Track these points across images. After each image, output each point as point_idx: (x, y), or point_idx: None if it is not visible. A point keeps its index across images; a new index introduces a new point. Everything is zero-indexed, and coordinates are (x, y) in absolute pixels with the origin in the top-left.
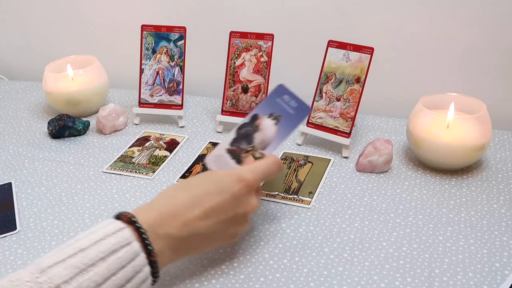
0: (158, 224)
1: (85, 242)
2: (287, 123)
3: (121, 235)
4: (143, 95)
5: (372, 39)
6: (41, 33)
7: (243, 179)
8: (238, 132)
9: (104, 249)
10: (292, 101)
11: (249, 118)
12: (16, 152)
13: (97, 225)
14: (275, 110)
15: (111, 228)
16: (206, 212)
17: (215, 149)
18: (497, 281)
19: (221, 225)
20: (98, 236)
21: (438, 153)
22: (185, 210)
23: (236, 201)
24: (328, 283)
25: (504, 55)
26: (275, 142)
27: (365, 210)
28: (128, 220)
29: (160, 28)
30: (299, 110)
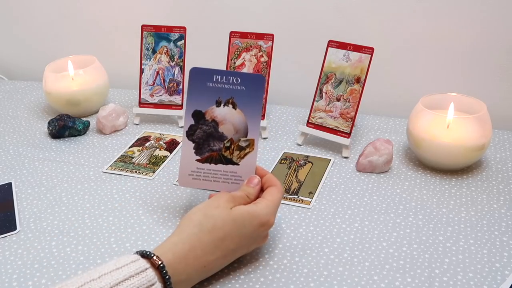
0: (182, 268)
1: (109, 281)
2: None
3: (145, 276)
4: (143, 95)
5: (372, 39)
6: (41, 33)
7: (267, 224)
8: (193, 138)
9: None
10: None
11: (191, 118)
12: (16, 152)
13: (122, 259)
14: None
15: (136, 268)
16: (226, 254)
17: (181, 167)
18: (497, 281)
19: (232, 258)
20: (121, 276)
21: (438, 153)
22: (208, 254)
23: (254, 240)
24: (328, 283)
25: (504, 55)
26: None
27: (365, 210)
28: (155, 264)
29: (160, 28)
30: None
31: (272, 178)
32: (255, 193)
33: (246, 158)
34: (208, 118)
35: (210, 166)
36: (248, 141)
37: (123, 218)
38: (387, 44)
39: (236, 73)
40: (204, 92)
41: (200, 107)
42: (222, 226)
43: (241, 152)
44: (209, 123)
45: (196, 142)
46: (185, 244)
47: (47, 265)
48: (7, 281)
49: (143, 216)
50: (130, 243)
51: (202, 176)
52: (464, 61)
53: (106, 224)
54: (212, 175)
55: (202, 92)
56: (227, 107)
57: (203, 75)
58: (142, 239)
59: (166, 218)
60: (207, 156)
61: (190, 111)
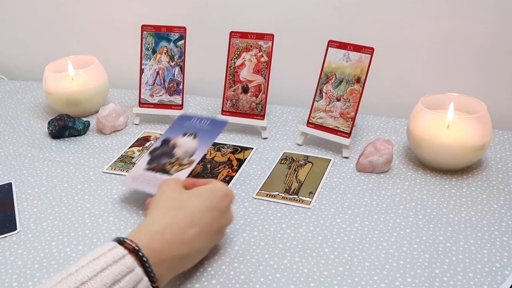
0: (162, 249)
1: (87, 273)
2: (206, 135)
3: (124, 263)
4: (143, 95)
5: (372, 39)
6: (41, 33)
7: (228, 194)
8: (152, 154)
9: (107, 281)
10: (204, 120)
11: (160, 142)
12: (16, 152)
13: (99, 250)
14: (187, 131)
15: (113, 256)
16: (201, 229)
17: (130, 172)
18: (497, 281)
19: (209, 238)
20: (99, 266)
21: (438, 153)
22: (185, 229)
23: (222, 215)
24: (328, 284)
25: (505, 55)
26: (200, 150)
27: (365, 210)
28: (132, 249)
29: (160, 28)
30: (215, 124)
31: None
32: None
33: (181, 172)
34: (171, 144)
35: (151, 174)
36: (189, 160)
37: (123, 218)
38: (387, 44)
39: (209, 118)
40: (180, 129)
41: (170, 136)
42: (189, 202)
43: (180, 167)
44: (169, 147)
45: (152, 157)
46: (159, 223)
47: (47, 265)
48: (7, 281)
49: (143, 216)
50: None
51: (141, 179)
52: (464, 61)
53: (106, 224)
54: (149, 180)
55: (178, 129)
56: (189, 137)
57: (186, 119)
58: None
59: None
60: (153, 167)
61: (162, 138)
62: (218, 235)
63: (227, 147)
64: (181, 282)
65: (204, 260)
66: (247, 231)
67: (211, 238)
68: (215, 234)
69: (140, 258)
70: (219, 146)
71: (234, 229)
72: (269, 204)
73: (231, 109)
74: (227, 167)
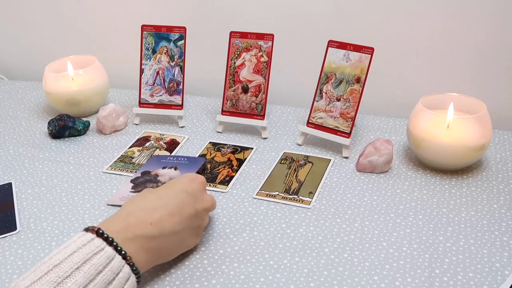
0: (126, 229)
1: (59, 257)
2: (186, 167)
3: (93, 244)
4: (143, 95)
5: (372, 39)
6: (41, 33)
7: (196, 177)
8: (135, 182)
9: (78, 260)
10: (180, 158)
11: (139, 173)
12: (16, 152)
13: (69, 240)
14: (166, 165)
15: (82, 241)
16: (170, 211)
17: (115, 194)
18: (497, 281)
19: (185, 222)
20: (70, 250)
21: (438, 153)
22: (150, 212)
23: (194, 198)
24: (328, 284)
25: (504, 55)
26: None
27: (365, 210)
28: (96, 233)
29: (160, 28)
30: (193, 161)
31: None
32: None
33: None
34: (153, 174)
35: None
36: None
37: None
38: (387, 44)
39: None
40: (157, 164)
41: (149, 169)
42: (156, 191)
43: None
44: (152, 176)
45: (136, 183)
46: (123, 211)
47: None
48: (7, 281)
49: None
50: None
51: None
52: (464, 61)
53: None
54: None
55: (156, 164)
56: (170, 169)
57: (161, 157)
58: None
59: None
60: (139, 190)
61: (141, 170)
62: (196, 219)
63: (227, 147)
64: (181, 282)
65: (204, 259)
66: (247, 231)
67: (187, 221)
68: (192, 218)
69: (106, 239)
70: (219, 146)
71: (234, 229)
72: (269, 204)
73: (231, 109)
74: (227, 167)
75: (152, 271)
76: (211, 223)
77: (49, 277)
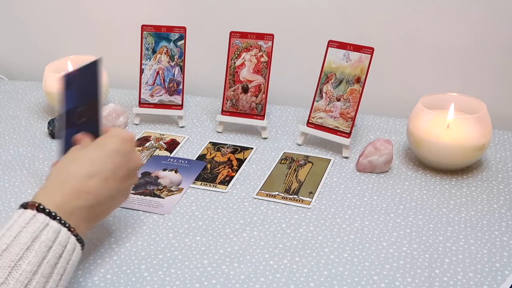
0: (64, 202)
1: (5, 240)
2: (187, 171)
3: (36, 221)
4: (143, 95)
5: (372, 39)
6: (41, 33)
7: (127, 135)
8: None
9: (26, 240)
10: (181, 160)
11: (139, 174)
12: (16, 152)
13: (9, 221)
14: (167, 167)
15: (24, 219)
16: (104, 177)
17: None
18: (497, 281)
19: (119, 184)
20: (14, 231)
21: (438, 153)
22: (84, 181)
23: (126, 158)
24: (328, 283)
25: (504, 55)
26: (185, 182)
27: (365, 210)
28: (37, 208)
29: (160, 28)
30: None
31: None
32: None
33: (172, 196)
34: (153, 175)
35: (139, 196)
36: (178, 188)
37: (123, 218)
38: (387, 44)
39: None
40: (158, 165)
41: (149, 170)
42: (85, 153)
43: (169, 193)
44: (152, 177)
45: (136, 185)
46: (55, 181)
47: None
48: None
49: (143, 216)
50: (130, 243)
51: (130, 200)
52: (464, 61)
53: (106, 224)
54: (139, 201)
55: (156, 165)
56: (170, 172)
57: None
58: (142, 239)
59: (166, 218)
60: (140, 192)
61: (141, 171)
62: (128, 179)
63: (227, 147)
64: (181, 282)
65: (204, 259)
66: (247, 231)
67: (121, 183)
68: (125, 179)
69: (48, 214)
70: (219, 146)
71: (234, 229)
72: (269, 204)
73: (231, 109)
74: (227, 167)
75: (152, 270)
76: (211, 223)
77: (1, 263)
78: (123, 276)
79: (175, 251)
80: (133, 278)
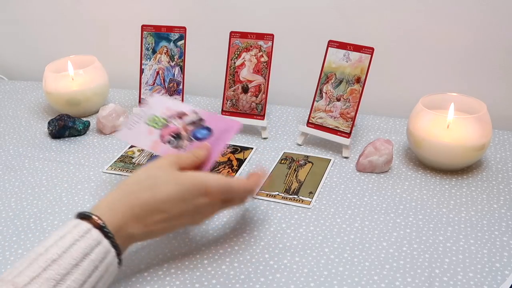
0: (122, 226)
1: (56, 250)
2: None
3: (90, 237)
4: (143, 95)
5: (372, 39)
6: (41, 33)
7: (209, 193)
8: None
9: (76, 255)
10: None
11: None
12: (16, 152)
13: (63, 228)
14: None
15: (79, 231)
16: (167, 218)
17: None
18: (497, 281)
19: (178, 224)
20: (67, 243)
21: (438, 153)
22: (148, 214)
23: (197, 210)
24: (328, 283)
25: (504, 55)
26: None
27: (365, 210)
28: (96, 225)
29: (160, 28)
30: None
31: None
32: (204, 155)
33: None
34: None
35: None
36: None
37: None
38: (387, 44)
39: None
40: None
41: None
42: (163, 185)
43: None
44: None
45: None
46: (123, 203)
47: None
48: None
49: None
50: None
51: None
52: (464, 61)
53: None
54: None
55: None
56: None
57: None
58: None
59: None
60: None
61: None
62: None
63: (227, 147)
64: (181, 282)
65: (204, 259)
66: (247, 231)
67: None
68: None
69: (105, 234)
70: None
71: (234, 229)
72: (269, 204)
73: (231, 109)
74: (227, 167)
75: (152, 270)
76: (211, 223)
77: (48, 274)
78: (123, 276)
79: (175, 251)
80: (133, 278)
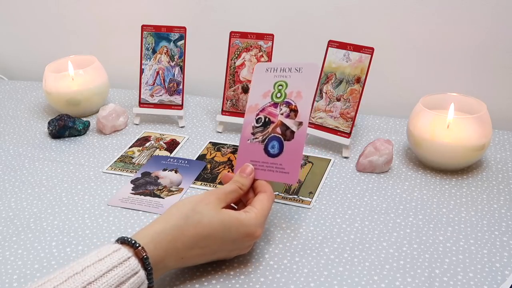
0: (161, 259)
1: (93, 273)
2: (187, 171)
3: (129, 265)
4: (143, 95)
5: (372, 39)
6: (41, 33)
7: (253, 235)
8: (135, 183)
9: (112, 282)
10: (181, 160)
11: (139, 174)
12: (16, 152)
13: (103, 250)
14: (167, 167)
15: (119, 258)
16: (205, 253)
17: (116, 195)
18: (497, 281)
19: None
20: (105, 267)
21: (438, 153)
22: (188, 249)
23: (236, 247)
24: (328, 284)
25: (505, 55)
26: (185, 181)
27: (365, 210)
28: (139, 255)
29: (160, 28)
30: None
31: (264, 184)
32: (248, 184)
33: (172, 196)
34: (153, 175)
35: (140, 197)
36: (178, 188)
37: (123, 218)
38: (387, 44)
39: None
40: (158, 165)
41: (149, 170)
42: (208, 224)
43: (170, 193)
44: (152, 177)
45: (136, 185)
46: (168, 236)
47: (47, 265)
48: (7, 281)
49: (143, 216)
50: None
51: (130, 201)
52: (464, 61)
53: (106, 224)
54: (139, 201)
55: (156, 165)
56: (170, 172)
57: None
58: None
59: None
60: (140, 192)
61: (141, 171)
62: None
63: (227, 147)
64: (181, 282)
65: None
66: None
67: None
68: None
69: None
70: (219, 146)
71: None
72: None
73: (231, 109)
74: (227, 167)
75: None
76: None
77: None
78: None
79: None
80: None
